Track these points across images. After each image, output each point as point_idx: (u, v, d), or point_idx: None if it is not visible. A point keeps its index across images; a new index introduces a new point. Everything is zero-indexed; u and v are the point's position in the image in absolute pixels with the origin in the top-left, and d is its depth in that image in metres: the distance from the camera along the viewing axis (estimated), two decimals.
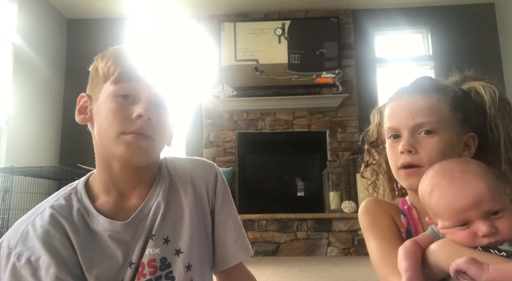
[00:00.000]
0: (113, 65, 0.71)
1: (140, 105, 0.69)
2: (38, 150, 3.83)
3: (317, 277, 2.56)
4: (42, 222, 0.69)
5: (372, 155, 0.93)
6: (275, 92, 4.15)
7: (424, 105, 0.75)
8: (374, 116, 0.92)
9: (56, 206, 0.72)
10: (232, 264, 0.83)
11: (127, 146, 0.68)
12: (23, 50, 3.63)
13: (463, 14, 4.32)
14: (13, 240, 0.67)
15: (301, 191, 4.16)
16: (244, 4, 4.24)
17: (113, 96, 0.70)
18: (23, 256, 0.65)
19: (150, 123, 0.69)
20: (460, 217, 0.62)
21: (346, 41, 4.26)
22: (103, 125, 0.70)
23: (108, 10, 4.26)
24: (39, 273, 0.65)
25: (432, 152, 0.72)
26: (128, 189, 0.75)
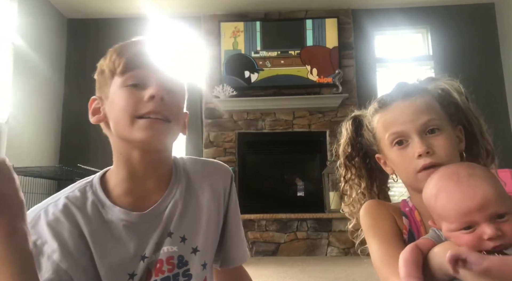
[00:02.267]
0: (117, 58, 0.71)
1: (150, 88, 0.69)
2: (38, 150, 3.83)
3: (317, 277, 2.57)
4: (54, 209, 0.70)
5: (349, 169, 0.91)
6: (275, 92, 4.15)
7: (423, 105, 0.75)
8: (347, 129, 0.91)
9: (70, 196, 0.72)
10: (238, 264, 0.88)
11: (144, 129, 0.68)
12: (23, 50, 3.63)
13: (463, 14, 4.32)
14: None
15: (301, 191, 4.16)
16: (244, 4, 4.24)
17: (122, 87, 0.70)
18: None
19: (163, 103, 0.69)
20: (466, 219, 0.62)
21: (346, 41, 4.26)
22: (117, 115, 0.70)
23: (108, 10, 4.26)
24: (40, 258, 0.65)
25: (446, 149, 0.73)
26: (146, 184, 0.75)
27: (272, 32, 4.26)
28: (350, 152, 0.90)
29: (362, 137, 0.88)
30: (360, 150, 0.90)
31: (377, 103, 0.82)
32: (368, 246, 0.80)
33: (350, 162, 0.91)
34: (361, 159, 0.90)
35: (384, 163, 0.84)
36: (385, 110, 0.79)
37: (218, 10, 4.31)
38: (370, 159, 0.89)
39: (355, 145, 0.89)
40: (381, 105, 0.81)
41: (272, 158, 4.25)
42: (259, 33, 4.24)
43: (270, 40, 4.23)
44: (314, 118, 4.15)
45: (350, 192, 0.92)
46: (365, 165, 0.90)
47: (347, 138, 0.91)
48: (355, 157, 0.90)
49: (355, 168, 0.91)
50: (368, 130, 0.85)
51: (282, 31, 4.26)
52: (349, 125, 0.91)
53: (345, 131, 0.92)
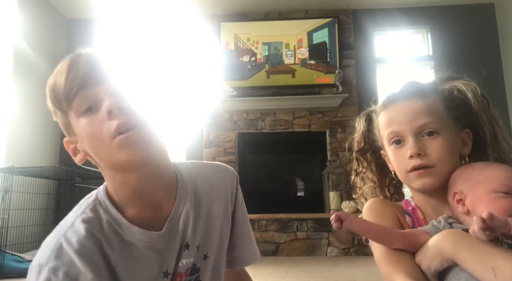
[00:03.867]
0: (55, 95, 0.66)
1: (104, 104, 0.64)
2: (38, 150, 3.83)
3: (317, 277, 2.56)
4: (78, 236, 0.64)
5: (361, 163, 0.94)
6: (275, 92, 4.15)
7: (423, 107, 0.76)
8: (360, 123, 0.93)
9: (86, 219, 0.67)
10: (248, 264, 0.88)
11: (123, 147, 0.63)
12: (23, 50, 3.63)
13: (463, 14, 4.32)
14: (44, 257, 0.62)
15: (301, 191, 4.16)
16: (244, 4, 4.24)
17: (79, 118, 0.65)
18: (60, 271, 0.60)
19: (123, 112, 0.63)
20: (510, 183, 0.67)
21: (346, 41, 4.26)
22: (93, 148, 0.66)
23: (108, 10, 4.25)
24: None
25: (440, 152, 0.74)
26: (155, 197, 0.71)
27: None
28: (362, 146, 0.92)
29: (372, 132, 0.89)
30: (372, 144, 0.91)
31: (384, 100, 0.83)
32: (370, 244, 0.80)
33: (362, 156, 0.93)
34: (373, 154, 0.92)
35: (387, 159, 0.85)
36: (388, 108, 0.81)
37: (218, 10, 4.31)
38: (381, 154, 0.91)
39: (368, 139, 0.91)
40: (386, 102, 0.82)
41: (272, 158, 4.25)
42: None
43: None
44: (314, 118, 4.15)
45: (361, 185, 0.94)
46: (376, 159, 0.92)
47: (360, 133, 0.93)
48: (367, 151, 0.92)
49: (367, 162, 0.93)
50: (375, 125, 0.87)
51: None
52: (363, 120, 0.92)
53: (358, 126, 0.93)
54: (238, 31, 4.27)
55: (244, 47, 4.25)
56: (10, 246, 3.04)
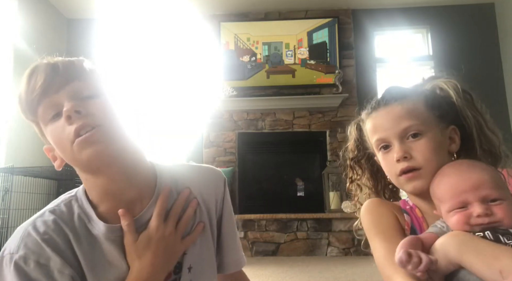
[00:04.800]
0: (21, 104, 0.68)
1: (63, 109, 0.65)
2: (38, 150, 3.81)
3: (317, 277, 2.57)
4: (45, 227, 0.66)
5: (356, 171, 0.95)
6: (275, 92, 4.15)
7: (403, 110, 0.77)
8: (351, 132, 0.94)
9: (57, 211, 0.69)
10: (233, 270, 0.87)
11: (82, 148, 0.63)
12: (23, 50, 3.63)
13: (463, 14, 4.32)
14: (14, 245, 0.64)
15: (301, 191, 4.16)
16: (244, 4, 4.24)
17: (47, 125, 0.67)
18: (30, 259, 0.62)
19: (82, 115, 0.64)
20: (460, 199, 0.67)
21: (346, 41, 4.26)
22: (60, 152, 0.68)
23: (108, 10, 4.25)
24: (53, 274, 0.62)
25: (425, 153, 0.75)
26: (126, 196, 0.71)
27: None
28: (356, 154, 0.93)
29: (364, 140, 0.91)
30: (365, 151, 0.92)
31: (368, 108, 0.85)
32: (370, 245, 0.80)
33: (357, 163, 0.94)
34: (366, 161, 0.93)
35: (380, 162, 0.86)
36: (372, 116, 0.83)
37: (218, 10, 4.31)
38: (374, 160, 0.91)
39: (360, 147, 0.92)
40: (370, 110, 0.84)
41: (272, 158, 4.25)
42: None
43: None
44: (314, 118, 4.15)
45: (356, 192, 0.95)
46: (370, 166, 0.93)
47: (352, 141, 0.94)
48: (361, 159, 0.93)
49: (361, 169, 0.94)
50: (364, 133, 0.88)
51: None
52: (353, 128, 0.94)
53: (350, 134, 0.95)
54: (238, 31, 4.27)
55: (244, 47, 4.25)
56: None
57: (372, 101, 0.85)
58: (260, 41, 4.25)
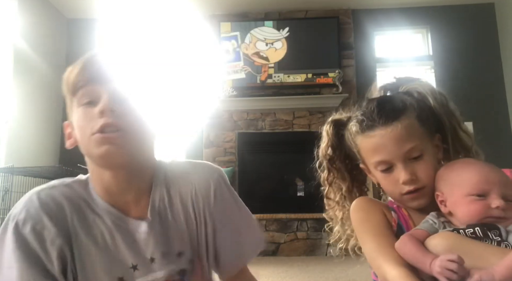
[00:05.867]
0: (67, 79, 0.73)
1: (101, 102, 0.68)
2: (38, 150, 3.83)
3: (317, 277, 2.57)
4: (48, 198, 0.70)
5: (332, 172, 0.93)
6: (275, 92, 4.15)
7: (403, 131, 0.77)
8: (328, 133, 0.93)
9: (62, 187, 0.73)
10: (236, 267, 0.86)
11: (99, 144, 0.66)
12: (23, 50, 3.63)
13: (463, 14, 4.32)
14: (18, 209, 0.68)
15: (301, 191, 4.16)
16: (244, 4, 4.24)
17: (78, 107, 0.71)
18: (28, 224, 0.66)
19: (115, 115, 0.67)
20: (485, 187, 0.69)
21: (346, 41, 4.26)
22: (79, 136, 0.70)
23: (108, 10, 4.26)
24: (45, 244, 0.66)
25: (428, 173, 0.77)
26: (124, 198, 0.74)
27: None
28: (331, 155, 0.92)
29: (343, 142, 0.89)
30: (341, 153, 0.91)
31: (358, 125, 0.82)
32: (360, 241, 0.82)
33: (332, 165, 0.93)
34: (342, 161, 0.92)
35: (369, 172, 0.86)
36: (367, 136, 0.80)
37: (218, 10, 4.31)
38: (350, 160, 0.91)
39: (336, 148, 0.91)
40: (363, 128, 0.81)
41: (272, 158, 4.25)
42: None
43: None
44: (314, 118, 4.15)
45: (334, 195, 0.95)
46: (345, 166, 0.92)
47: (328, 142, 0.93)
48: (336, 160, 0.92)
49: (337, 170, 0.93)
50: (351, 143, 0.86)
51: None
52: (329, 128, 0.93)
53: (326, 135, 0.94)
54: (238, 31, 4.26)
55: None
56: None
57: (362, 118, 0.81)
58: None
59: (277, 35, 4.24)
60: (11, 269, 0.64)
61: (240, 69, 4.19)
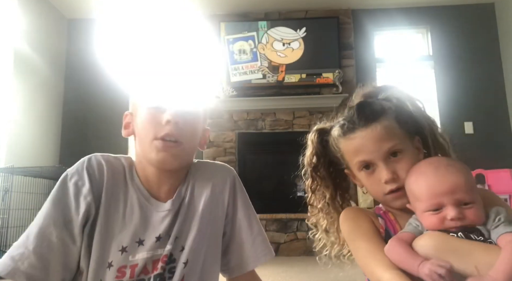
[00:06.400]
0: (144, 89, 0.84)
1: (168, 112, 0.78)
2: (38, 150, 3.83)
3: (317, 277, 2.57)
4: (94, 163, 0.80)
5: (316, 180, 0.95)
6: (275, 92, 4.15)
7: (383, 131, 0.79)
8: (313, 141, 0.94)
9: (111, 160, 0.83)
10: (253, 267, 0.91)
11: (158, 151, 0.77)
12: (23, 50, 3.63)
13: (463, 14, 4.32)
14: (75, 165, 0.81)
15: (301, 191, 4.15)
16: (244, 4, 4.24)
17: (147, 108, 0.80)
18: (73, 178, 0.78)
19: (178, 127, 0.78)
20: (435, 201, 0.70)
21: (346, 41, 4.26)
22: (142, 134, 0.81)
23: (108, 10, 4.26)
24: (79, 196, 0.76)
25: (408, 170, 0.78)
26: (160, 189, 0.84)
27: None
28: (315, 163, 0.94)
29: (327, 149, 0.91)
30: (325, 160, 0.93)
31: (340, 129, 0.85)
32: (351, 249, 0.84)
33: (316, 172, 0.95)
34: (326, 169, 0.94)
35: (353, 177, 0.88)
36: (349, 138, 0.83)
37: (218, 10, 4.31)
38: (334, 167, 0.93)
39: (321, 156, 0.93)
40: (345, 131, 0.84)
41: (272, 158, 4.25)
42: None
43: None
44: (314, 118, 4.15)
45: (316, 202, 0.97)
46: (329, 174, 0.94)
47: (312, 150, 0.94)
48: (320, 167, 0.94)
49: (321, 178, 0.95)
50: (334, 148, 0.88)
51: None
52: (314, 137, 0.94)
53: (311, 143, 0.95)
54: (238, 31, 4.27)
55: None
56: (10, 246, 3.03)
57: (343, 122, 0.85)
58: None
59: (295, 35, 4.24)
60: (44, 207, 0.76)
61: (257, 69, 4.20)
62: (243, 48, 4.25)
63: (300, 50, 4.21)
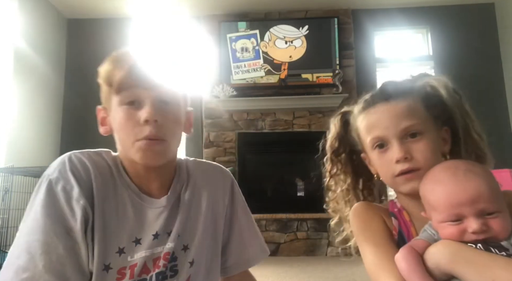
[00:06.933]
0: (112, 75, 0.74)
1: (144, 109, 0.72)
2: (38, 150, 3.83)
3: (317, 277, 2.57)
4: (77, 162, 0.74)
5: (335, 165, 0.91)
6: (275, 92, 4.15)
7: (405, 108, 0.74)
8: (335, 124, 0.91)
9: (93, 156, 0.77)
10: (253, 264, 0.93)
11: (143, 152, 0.73)
12: (23, 50, 3.63)
13: (463, 14, 4.32)
14: (52, 169, 0.74)
15: (301, 191, 4.16)
16: (244, 4, 4.24)
17: (120, 105, 0.74)
18: (59, 183, 0.71)
19: (157, 125, 0.72)
20: (455, 212, 0.63)
21: (346, 41, 4.26)
22: (120, 135, 0.76)
23: (108, 10, 4.26)
24: (71, 201, 0.70)
25: (426, 153, 0.72)
26: (150, 185, 0.80)
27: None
28: (337, 147, 0.90)
29: (349, 134, 0.87)
30: (347, 146, 0.89)
31: (362, 103, 0.81)
32: (359, 249, 0.79)
33: (337, 157, 0.91)
34: (348, 155, 0.90)
35: (369, 162, 0.83)
36: (368, 112, 0.79)
37: (218, 10, 4.30)
38: (357, 155, 0.89)
39: (342, 140, 0.89)
40: (365, 105, 0.80)
41: (272, 158, 4.25)
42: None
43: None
44: (314, 118, 4.15)
45: (335, 187, 0.92)
46: (351, 161, 0.90)
47: (335, 134, 0.91)
48: (342, 152, 0.90)
49: (341, 163, 0.91)
50: (354, 128, 0.85)
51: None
52: (337, 121, 0.91)
53: (333, 126, 0.92)
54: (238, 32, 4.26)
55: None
56: (10, 246, 3.03)
57: (366, 96, 0.81)
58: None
59: (297, 33, 4.23)
60: (36, 221, 0.69)
61: (260, 67, 4.19)
62: (246, 46, 4.24)
63: (303, 48, 4.20)
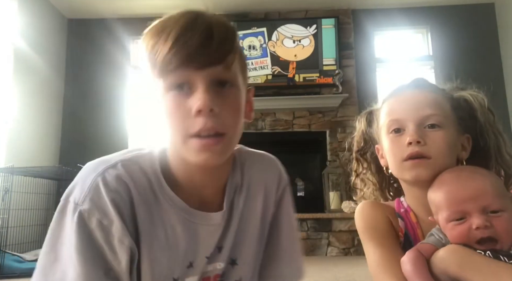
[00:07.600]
0: (154, 53, 0.56)
1: (196, 96, 0.55)
2: (38, 150, 3.83)
3: (317, 277, 2.56)
4: (116, 183, 0.57)
5: (361, 163, 0.91)
6: (275, 92, 4.15)
7: (430, 99, 0.74)
8: (360, 123, 0.90)
9: (130, 165, 0.60)
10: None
11: (197, 152, 0.57)
12: (23, 50, 3.63)
13: (463, 14, 4.32)
14: (80, 194, 0.56)
15: (301, 191, 4.16)
16: (244, 4, 4.24)
17: (166, 92, 0.57)
18: (94, 217, 0.55)
19: (214, 115, 0.56)
20: (458, 209, 0.64)
21: (346, 41, 4.26)
22: (169, 131, 0.59)
23: (108, 10, 4.25)
24: (112, 241, 0.55)
25: (440, 144, 0.71)
26: (203, 192, 0.66)
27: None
28: (362, 146, 0.89)
29: (374, 131, 0.87)
30: (372, 145, 0.89)
31: (391, 91, 0.81)
32: (364, 249, 0.78)
33: (362, 156, 0.90)
34: (372, 154, 0.89)
35: (381, 155, 0.83)
36: (393, 96, 0.79)
37: (218, 10, 4.30)
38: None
39: (368, 139, 0.89)
40: (392, 93, 0.80)
41: None
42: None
43: None
44: (314, 118, 4.15)
45: (361, 186, 0.91)
46: (376, 161, 0.88)
47: (360, 132, 0.90)
48: (367, 151, 0.89)
49: (367, 162, 0.90)
50: (376, 120, 0.84)
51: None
52: (364, 119, 0.90)
53: (359, 124, 0.91)
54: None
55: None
56: (10, 246, 3.04)
57: (397, 86, 0.81)
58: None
59: (305, 32, 4.22)
60: (72, 265, 0.53)
61: (267, 65, 4.19)
62: (253, 43, 4.24)
63: (311, 47, 4.20)
